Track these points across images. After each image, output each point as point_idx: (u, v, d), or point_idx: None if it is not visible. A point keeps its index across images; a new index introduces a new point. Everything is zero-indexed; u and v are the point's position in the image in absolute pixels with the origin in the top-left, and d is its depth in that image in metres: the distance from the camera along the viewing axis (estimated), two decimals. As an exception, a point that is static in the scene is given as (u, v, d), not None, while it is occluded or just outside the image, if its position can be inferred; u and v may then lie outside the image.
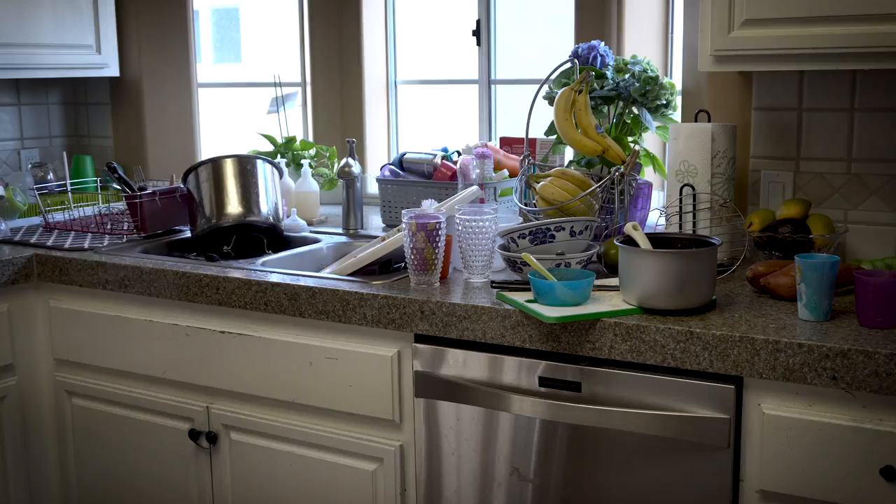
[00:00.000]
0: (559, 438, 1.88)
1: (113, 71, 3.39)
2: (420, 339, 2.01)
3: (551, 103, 2.37)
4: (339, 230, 2.75)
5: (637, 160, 2.30)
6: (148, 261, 2.39)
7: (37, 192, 2.98)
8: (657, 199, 2.53)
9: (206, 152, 3.60)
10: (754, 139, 2.31)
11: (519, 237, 2.04)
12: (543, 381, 1.87)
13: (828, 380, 1.61)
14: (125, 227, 2.73)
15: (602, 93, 2.40)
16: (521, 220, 2.30)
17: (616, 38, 2.70)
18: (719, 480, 1.74)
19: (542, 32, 3.14)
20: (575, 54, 2.47)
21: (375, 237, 2.68)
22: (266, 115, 3.41)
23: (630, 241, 1.87)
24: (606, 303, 1.85)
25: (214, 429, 2.31)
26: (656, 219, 2.29)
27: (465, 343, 1.95)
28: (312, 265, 2.47)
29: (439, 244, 2.03)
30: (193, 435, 2.33)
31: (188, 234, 2.67)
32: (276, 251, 2.55)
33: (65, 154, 3.18)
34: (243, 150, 2.97)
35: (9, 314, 2.50)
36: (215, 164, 2.70)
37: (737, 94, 2.34)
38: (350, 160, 2.73)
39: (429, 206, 2.25)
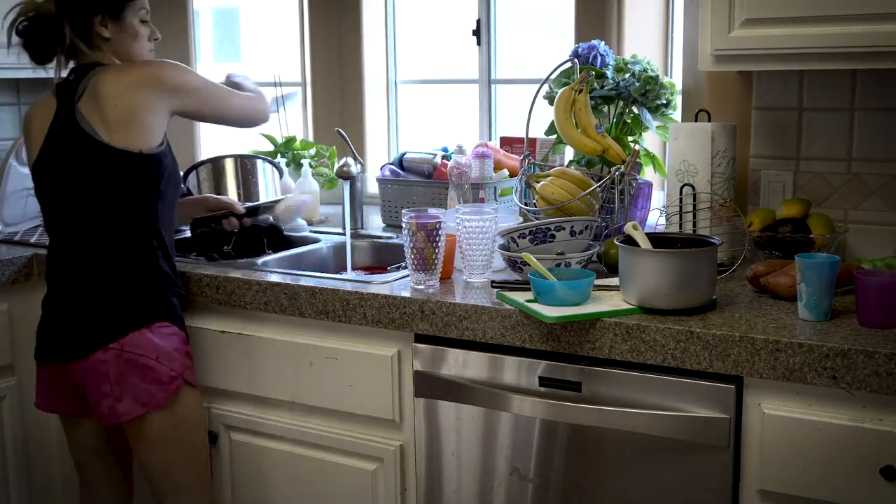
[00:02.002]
0: (559, 438, 1.88)
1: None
2: (420, 338, 2.01)
3: (551, 103, 2.37)
4: (340, 230, 2.75)
5: (637, 160, 2.29)
6: (148, 261, 2.39)
7: (37, 192, 2.98)
8: (657, 198, 2.53)
9: (206, 152, 3.59)
10: (754, 139, 2.31)
11: (519, 237, 2.04)
12: (543, 381, 1.87)
13: (828, 380, 1.61)
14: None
15: (602, 92, 2.40)
16: (521, 219, 2.29)
17: (616, 38, 2.70)
18: (719, 480, 1.74)
19: (542, 32, 3.14)
20: (575, 54, 2.47)
21: (376, 237, 2.69)
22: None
23: (630, 241, 1.86)
24: (606, 303, 1.85)
25: (214, 429, 2.31)
26: (656, 218, 2.29)
27: (466, 343, 1.95)
28: (313, 265, 2.47)
29: (439, 244, 2.03)
30: (193, 435, 2.32)
31: (188, 233, 2.67)
32: (276, 251, 2.55)
33: (65, 154, 3.16)
34: (243, 150, 2.96)
35: (9, 314, 2.50)
36: (215, 163, 2.70)
37: (737, 93, 2.34)
38: (349, 160, 2.71)
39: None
